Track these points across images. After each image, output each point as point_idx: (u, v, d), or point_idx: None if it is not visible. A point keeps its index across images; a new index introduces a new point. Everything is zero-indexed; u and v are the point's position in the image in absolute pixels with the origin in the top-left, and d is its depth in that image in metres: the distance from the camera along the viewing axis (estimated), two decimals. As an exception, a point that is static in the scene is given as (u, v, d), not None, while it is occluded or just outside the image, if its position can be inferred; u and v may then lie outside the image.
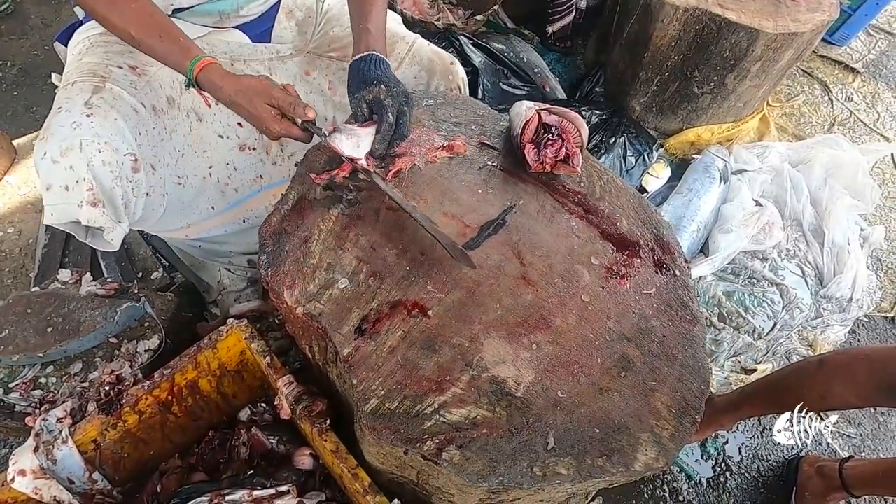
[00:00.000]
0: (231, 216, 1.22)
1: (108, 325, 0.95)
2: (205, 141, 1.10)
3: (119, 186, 0.86)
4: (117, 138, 0.87)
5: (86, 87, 0.89)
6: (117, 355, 0.96)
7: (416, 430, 0.70)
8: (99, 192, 0.84)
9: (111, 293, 1.03)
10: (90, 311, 0.96)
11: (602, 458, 0.71)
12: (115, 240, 0.87)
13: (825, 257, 1.74)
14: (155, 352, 0.98)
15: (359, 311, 0.79)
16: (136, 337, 0.99)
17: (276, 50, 1.15)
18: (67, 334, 0.93)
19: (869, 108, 2.28)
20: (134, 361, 0.94)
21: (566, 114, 0.99)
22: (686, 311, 0.87)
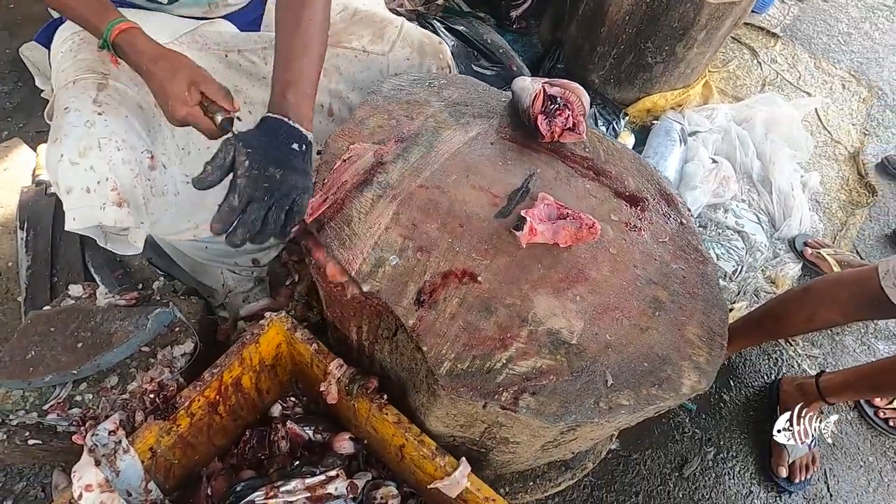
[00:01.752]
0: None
1: (140, 333, 0.92)
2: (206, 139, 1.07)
3: (139, 185, 0.84)
4: (133, 135, 0.85)
5: (90, 84, 0.86)
6: (153, 363, 0.93)
7: (490, 385, 0.76)
8: (124, 192, 0.81)
9: (133, 302, 0.99)
10: (119, 321, 0.93)
11: (654, 386, 0.80)
12: (138, 241, 0.85)
13: (774, 203, 1.94)
14: (192, 355, 0.96)
15: (414, 285, 0.82)
16: (169, 343, 0.97)
17: (269, 38, 1.13)
18: (99, 348, 0.90)
19: (791, 68, 2.53)
20: (173, 367, 0.93)
21: (567, 84, 1.06)
22: (697, 254, 0.97)
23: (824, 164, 2.17)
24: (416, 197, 0.92)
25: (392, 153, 0.97)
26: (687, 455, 1.37)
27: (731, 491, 1.34)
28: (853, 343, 1.66)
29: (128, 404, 0.88)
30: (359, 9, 1.19)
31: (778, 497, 1.35)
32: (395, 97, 1.07)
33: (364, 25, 1.18)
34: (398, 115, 1.04)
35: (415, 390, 0.90)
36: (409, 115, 1.05)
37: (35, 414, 0.86)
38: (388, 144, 0.99)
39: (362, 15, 1.20)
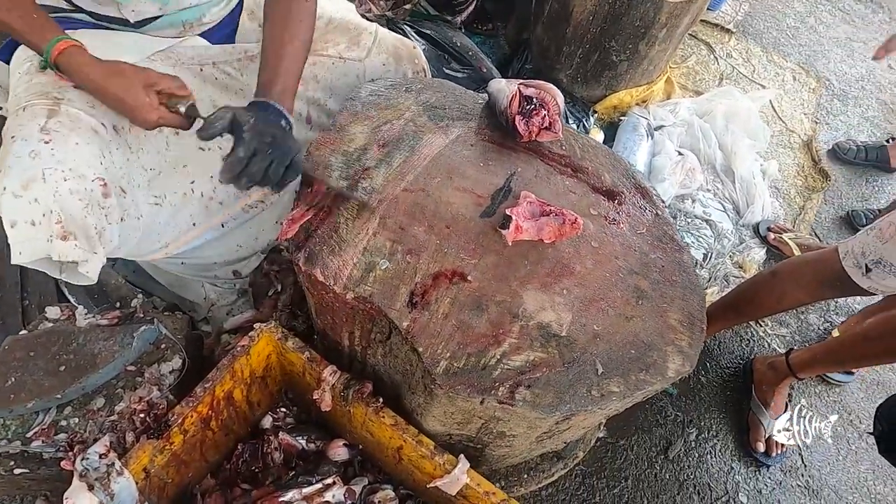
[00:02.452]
0: (212, 223, 1.18)
1: (126, 352, 0.90)
2: (185, 156, 1.05)
3: (91, 215, 0.81)
4: (82, 164, 0.81)
5: (39, 111, 0.82)
6: (141, 382, 0.91)
7: (487, 381, 0.77)
8: (69, 224, 0.78)
9: (115, 321, 0.97)
10: (102, 341, 0.91)
11: (642, 372, 0.83)
12: (91, 272, 0.81)
13: (738, 191, 2.03)
14: (180, 372, 0.94)
15: (405, 287, 0.84)
16: (155, 360, 0.95)
17: (244, 50, 1.12)
18: (84, 370, 0.87)
19: (745, 62, 2.64)
20: (162, 384, 0.91)
21: (542, 85, 1.09)
22: (673, 243, 1.02)
23: (781, 152, 2.28)
24: (402, 201, 0.93)
25: (375, 158, 0.98)
26: (671, 438, 1.42)
27: (713, 469, 1.39)
28: (817, 321, 1.75)
29: (117, 426, 0.86)
30: (333, 17, 1.19)
31: (757, 471, 1.41)
32: (373, 103, 1.08)
33: (339, 33, 1.19)
34: (378, 121, 1.05)
35: (410, 392, 0.91)
36: (388, 120, 1.06)
37: (19, 442, 0.83)
38: (372, 150, 1.00)
39: (337, 23, 1.20)
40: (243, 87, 1.09)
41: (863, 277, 1.02)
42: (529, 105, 1.06)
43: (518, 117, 1.04)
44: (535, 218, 0.92)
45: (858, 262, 1.03)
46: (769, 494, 1.38)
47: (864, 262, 1.02)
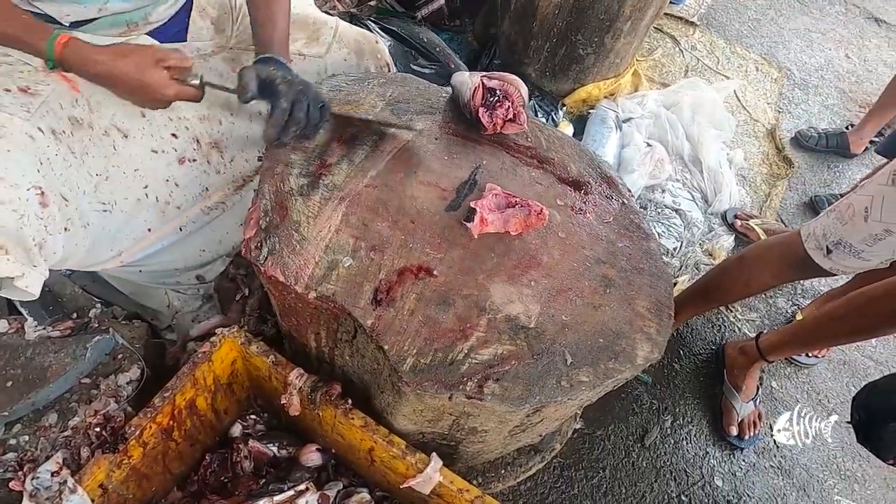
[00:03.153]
0: (169, 228, 1.14)
1: (79, 364, 0.86)
2: (135, 159, 1.01)
3: (27, 226, 0.76)
4: (14, 171, 0.76)
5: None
6: (97, 394, 0.87)
7: (455, 376, 0.76)
8: (2, 238, 0.73)
9: (67, 332, 0.93)
10: (53, 354, 0.86)
11: (611, 360, 0.83)
12: (31, 286, 0.76)
13: (705, 181, 2.07)
14: (139, 382, 0.91)
15: (369, 284, 0.82)
16: (112, 371, 0.91)
17: (196, 48, 1.09)
18: (33, 384, 0.83)
19: (710, 54, 2.69)
20: (119, 396, 0.87)
21: (505, 77, 1.08)
22: (640, 231, 1.02)
23: (746, 141, 2.32)
24: (365, 196, 0.91)
25: (337, 154, 0.96)
26: (647, 426, 1.43)
27: (689, 454, 1.41)
28: (785, 304, 1.79)
29: (71, 441, 0.82)
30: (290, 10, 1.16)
31: (731, 454, 1.44)
32: (335, 98, 1.06)
33: (298, 28, 1.16)
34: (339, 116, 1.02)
35: (379, 391, 0.89)
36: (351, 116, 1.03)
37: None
38: (333, 146, 0.97)
39: (294, 18, 1.17)
40: None
41: (824, 259, 1.04)
42: (493, 97, 1.05)
43: (482, 109, 1.03)
44: (500, 210, 0.91)
45: (820, 244, 1.04)
46: (743, 476, 1.40)
47: (825, 243, 1.03)
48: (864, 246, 0.98)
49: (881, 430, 0.93)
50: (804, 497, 1.39)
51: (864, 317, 1.17)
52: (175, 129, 1.07)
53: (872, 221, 0.96)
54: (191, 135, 1.10)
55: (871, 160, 2.36)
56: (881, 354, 1.73)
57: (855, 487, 1.43)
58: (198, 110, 1.09)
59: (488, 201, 0.91)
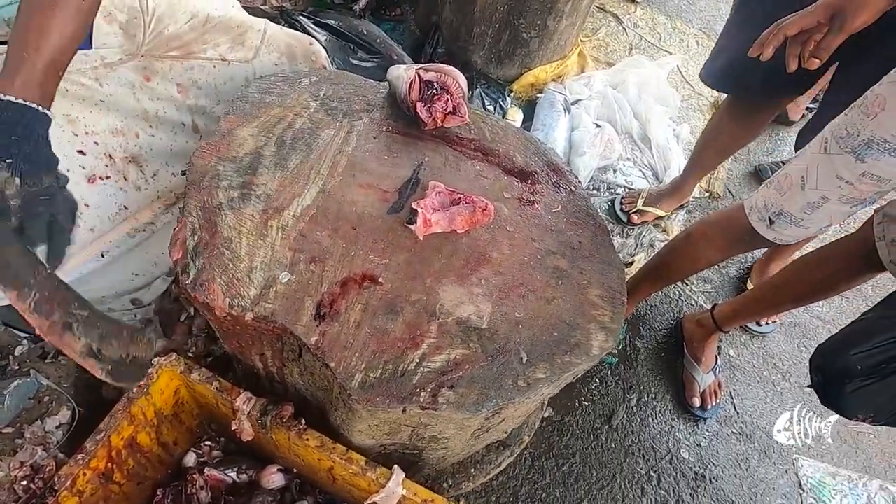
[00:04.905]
0: (86, 255, 1.05)
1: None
2: None
3: None
4: None
5: None
6: (21, 443, 0.80)
7: (407, 388, 0.73)
8: None
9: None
10: (-34, 405, 0.78)
11: (567, 354, 0.81)
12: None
13: (655, 157, 2.09)
14: (70, 425, 0.84)
15: (311, 299, 0.77)
16: (38, 416, 0.84)
17: (100, 56, 1.00)
18: (-55, 441, 0.75)
19: (652, 31, 2.72)
20: (47, 443, 0.80)
21: (442, 68, 1.04)
22: (590, 219, 1.01)
23: (691, 115, 2.36)
24: (301, 205, 0.86)
25: (268, 162, 0.90)
26: (613, 407, 1.45)
27: (655, 430, 1.43)
28: (737, 273, 1.84)
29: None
30: (211, 14, 1.07)
31: (695, 425, 1.47)
32: (263, 101, 0.99)
33: (220, 32, 1.08)
34: (269, 120, 0.96)
35: (333, 408, 0.85)
36: (280, 119, 0.98)
37: None
38: (264, 153, 0.91)
39: (216, 21, 1.09)
40: (104, 98, 0.97)
41: (767, 230, 1.06)
42: (431, 90, 1.01)
43: (419, 104, 0.99)
44: (444, 208, 0.88)
45: (762, 216, 1.06)
46: (708, 446, 1.44)
47: (766, 214, 1.05)
48: (803, 214, 1.00)
49: (839, 392, 0.95)
50: (765, 459, 1.44)
51: (803, 283, 1.21)
52: (81, 144, 0.99)
53: (809, 190, 0.98)
54: (101, 150, 1.02)
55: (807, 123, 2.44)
56: (827, 314, 1.81)
57: (811, 444, 1.49)
58: (109, 123, 1.01)
59: (431, 200, 0.87)
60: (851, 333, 0.99)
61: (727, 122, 1.50)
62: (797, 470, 1.43)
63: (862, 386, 0.92)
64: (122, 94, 1.00)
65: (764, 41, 0.94)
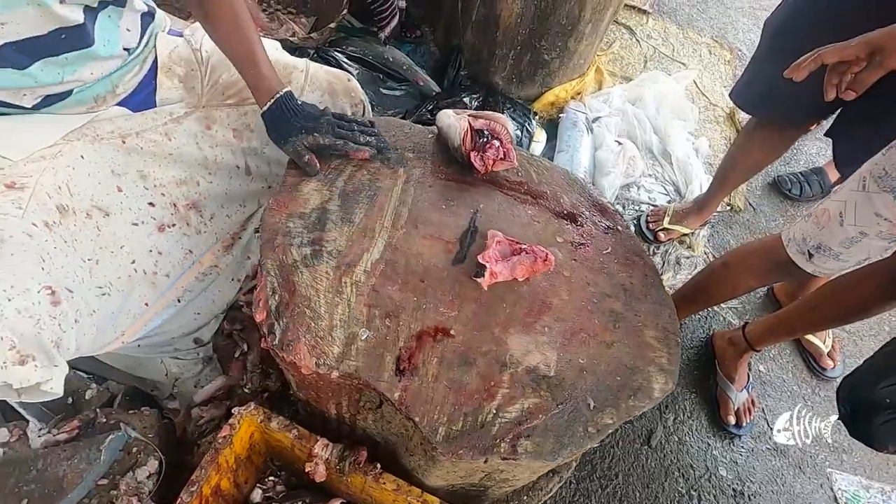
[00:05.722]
0: (164, 302, 1.11)
1: (95, 468, 0.83)
2: (119, 236, 0.97)
3: (45, 330, 0.74)
4: (23, 276, 0.74)
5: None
6: (116, 495, 0.85)
7: (487, 439, 0.77)
8: (25, 347, 0.71)
9: (75, 433, 0.89)
10: (66, 461, 0.83)
11: (630, 398, 0.86)
12: (55, 388, 0.75)
13: (676, 173, 2.13)
14: (158, 475, 0.88)
15: (390, 355, 0.81)
16: (129, 468, 0.88)
17: (168, 113, 1.04)
18: (51, 498, 0.79)
19: (665, 41, 2.75)
20: (141, 493, 0.85)
21: (490, 115, 1.08)
22: (638, 258, 1.05)
23: (709, 128, 2.40)
24: (371, 260, 0.90)
25: (334, 218, 0.94)
26: (651, 427, 1.49)
27: (693, 449, 1.48)
28: (762, 288, 1.88)
29: (99, 550, 0.79)
30: None
31: (731, 442, 1.51)
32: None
33: (269, 77, 1.12)
34: (330, 174, 1.01)
35: (409, 453, 0.90)
36: (340, 171, 1.02)
37: None
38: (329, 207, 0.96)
39: None
40: (172, 151, 1.02)
41: (807, 262, 1.10)
42: (482, 138, 1.05)
43: (473, 153, 1.03)
44: (506, 259, 0.92)
45: (801, 249, 1.10)
46: (744, 462, 1.48)
47: (805, 248, 1.09)
48: (841, 248, 1.04)
49: (867, 426, 0.99)
50: (800, 474, 1.48)
51: (837, 306, 1.25)
52: (151, 197, 1.04)
53: (848, 225, 1.02)
54: (168, 200, 1.06)
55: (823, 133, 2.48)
56: (851, 325, 1.85)
57: (843, 458, 1.54)
58: (175, 174, 1.06)
59: (493, 252, 0.91)
60: (878, 365, 1.02)
61: (755, 142, 1.54)
62: (832, 484, 1.47)
63: (891, 419, 0.96)
64: (187, 145, 1.04)
65: (801, 65, 0.98)
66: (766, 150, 1.56)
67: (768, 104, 1.39)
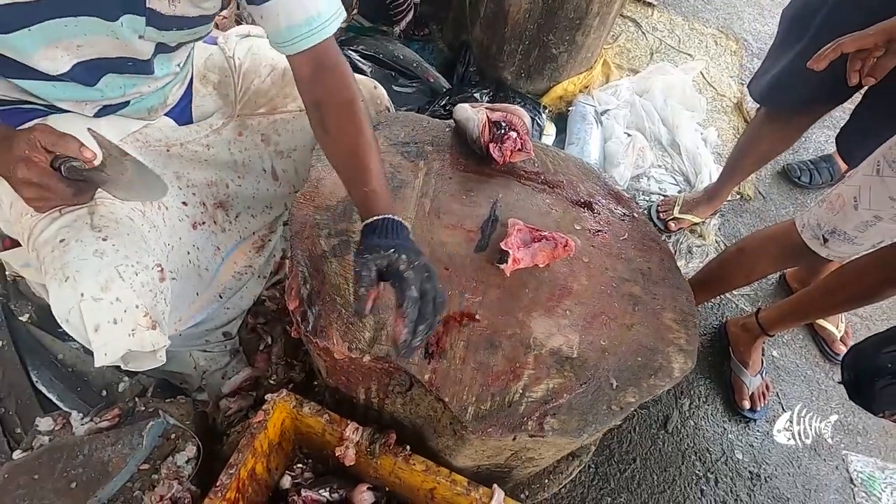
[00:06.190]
0: (208, 297, 1.15)
1: (137, 452, 0.87)
2: (175, 228, 1.02)
3: (159, 302, 0.81)
4: (142, 254, 0.80)
5: (78, 211, 0.79)
6: (158, 479, 0.88)
7: (515, 417, 0.80)
8: (154, 314, 0.78)
9: (116, 421, 0.93)
10: (110, 447, 0.86)
11: (651, 377, 0.88)
12: (163, 355, 0.81)
13: (685, 163, 2.15)
14: (196, 460, 0.92)
15: (418, 339, 0.84)
16: (168, 453, 0.92)
17: (209, 125, 1.08)
18: (97, 482, 0.83)
19: (670, 33, 2.76)
20: (181, 477, 0.88)
21: (507, 108, 1.11)
22: (654, 243, 1.07)
23: (717, 118, 2.41)
24: (396, 249, 0.93)
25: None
26: (667, 412, 1.51)
27: (708, 433, 1.50)
28: (774, 275, 1.89)
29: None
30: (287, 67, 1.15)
31: (746, 426, 1.53)
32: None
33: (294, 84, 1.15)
34: (353, 168, 1.04)
35: (436, 435, 0.93)
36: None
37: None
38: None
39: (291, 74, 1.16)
40: (208, 158, 1.06)
41: (821, 247, 1.12)
42: (499, 130, 1.08)
43: (492, 145, 1.06)
44: (527, 245, 0.95)
45: (816, 234, 1.12)
46: (760, 446, 1.50)
47: (820, 233, 1.11)
48: (856, 233, 1.06)
49: (869, 388, 1.01)
50: (816, 456, 1.50)
51: (850, 289, 1.26)
52: (184, 196, 1.07)
53: (862, 210, 1.04)
54: (198, 199, 1.10)
55: (831, 120, 2.48)
56: (864, 310, 1.86)
57: (858, 440, 1.56)
58: (206, 176, 1.09)
59: (515, 239, 0.94)
60: (885, 335, 1.05)
61: (766, 131, 1.56)
62: (847, 465, 1.49)
63: (891, 384, 0.98)
64: (221, 151, 1.08)
65: (823, 55, 1.00)
66: (776, 140, 1.58)
67: (782, 89, 1.40)
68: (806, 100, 1.35)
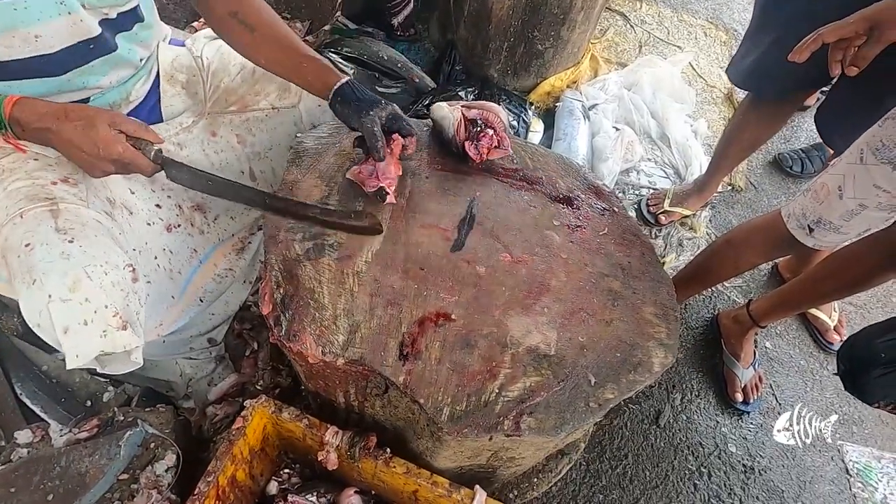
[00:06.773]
0: (187, 301, 1.14)
1: (115, 463, 0.86)
2: (141, 233, 1.02)
3: (132, 302, 0.81)
4: (111, 254, 0.81)
5: (41, 214, 0.80)
6: (137, 488, 0.88)
7: (491, 417, 0.79)
8: (123, 314, 0.78)
9: (94, 431, 0.92)
10: (87, 458, 0.86)
11: (630, 373, 0.87)
12: (138, 357, 0.81)
13: (675, 156, 2.13)
14: (176, 468, 0.91)
15: (393, 341, 0.84)
16: (147, 462, 0.91)
17: (179, 124, 1.07)
18: (74, 493, 0.83)
19: (659, 25, 2.74)
20: (160, 486, 0.88)
21: (483, 105, 1.10)
22: (635, 237, 1.06)
23: (707, 109, 2.40)
24: (370, 251, 0.92)
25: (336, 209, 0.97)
26: (659, 406, 1.50)
27: (701, 427, 1.49)
28: (766, 266, 1.88)
29: (123, 541, 0.82)
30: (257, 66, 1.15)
31: (740, 419, 1.52)
32: (320, 150, 1.06)
33: (268, 81, 1.15)
34: (329, 168, 1.03)
35: (416, 437, 0.92)
36: (339, 166, 1.04)
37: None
38: (329, 202, 0.98)
39: (263, 70, 1.16)
40: (182, 159, 1.05)
41: (807, 237, 1.10)
42: (475, 128, 1.07)
43: (468, 143, 1.05)
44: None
45: (801, 224, 1.11)
46: (753, 438, 1.49)
47: (805, 223, 1.10)
48: (842, 221, 1.05)
49: (863, 378, 1.00)
50: (811, 448, 1.49)
51: (840, 277, 1.25)
52: (158, 199, 1.07)
53: (847, 198, 1.03)
54: (173, 202, 1.10)
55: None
56: (859, 298, 1.84)
57: (854, 430, 1.54)
58: None
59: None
60: (880, 325, 1.04)
61: (751, 118, 1.55)
62: (843, 456, 1.48)
63: (886, 373, 0.97)
64: (195, 152, 1.07)
65: (803, 47, 0.98)
66: (761, 127, 1.57)
67: (762, 79, 1.39)
68: (788, 88, 1.34)
